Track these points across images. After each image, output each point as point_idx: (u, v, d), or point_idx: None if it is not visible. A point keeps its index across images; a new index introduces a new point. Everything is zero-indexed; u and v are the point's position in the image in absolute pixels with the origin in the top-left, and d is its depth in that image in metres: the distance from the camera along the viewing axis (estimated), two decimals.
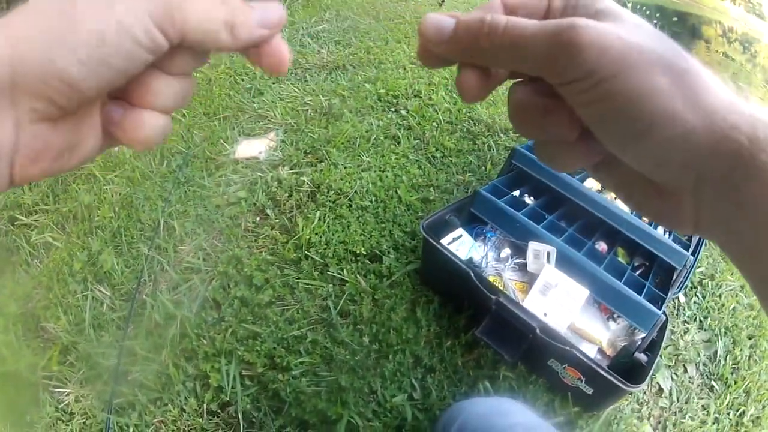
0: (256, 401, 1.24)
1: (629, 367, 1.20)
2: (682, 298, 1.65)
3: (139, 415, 1.19)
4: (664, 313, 1.25)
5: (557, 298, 1.33)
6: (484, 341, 1.26)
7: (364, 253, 1.55)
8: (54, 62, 0.25)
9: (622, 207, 1.46)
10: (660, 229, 1.45)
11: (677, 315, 1.61)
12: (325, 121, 2.17)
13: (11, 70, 0.24)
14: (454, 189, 1.83)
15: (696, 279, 1.71)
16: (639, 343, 1.25)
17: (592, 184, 1.56)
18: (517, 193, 1.57)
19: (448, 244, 1.41)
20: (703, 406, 1.38)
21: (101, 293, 1.48)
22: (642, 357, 1.20)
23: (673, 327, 1.55)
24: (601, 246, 1.51)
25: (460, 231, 1.48)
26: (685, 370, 1.46)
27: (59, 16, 0.25)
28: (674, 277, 1.43)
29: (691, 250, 1.42)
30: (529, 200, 1.58)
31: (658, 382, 1.39)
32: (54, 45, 0.25)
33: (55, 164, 0.29)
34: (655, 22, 4.37)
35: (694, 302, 1.67)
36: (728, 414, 1.37)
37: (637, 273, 1.43)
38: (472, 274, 1.28)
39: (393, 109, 2.24)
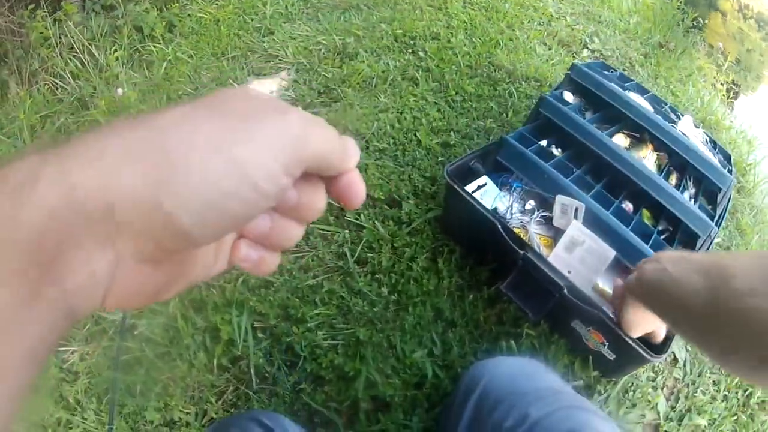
0: (269, 355, 1.09)
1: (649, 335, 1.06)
2: None
3: (146, 371, 1.04)
4: None
5: (582, 257, 1.17)
6: (508, 297, 1.11)
7: (382, 197, 1.37)
8: (161, 207, 0.21)
9: (649, 167, 1.29)
10: (686, 195, 1.29)
11: None
12: (339, 61, 1.95)
13: (105, 204, 0.20)
14: (475, 135, 1.63)
15: (712, 249, 1.54)
16: None
17: (620, 141, 1.38)
18: (544, 143, 1.38)
19: (473, 192, 1.24)
20: (714, 381, 1.24)
21: None
22: None
23: None
24: (627, 206, 1.34)
25: (485, 179, 1.29)
26: None
27: (164, 155, 0.21)
28: (697, 246, 1.27)
29: (715, 220, 1.26)
30: (556, 151, 1.39)
31: (673, 352, 1.26)
32: (161, 188, 0.21)
33: (154, 298, 0.26)
34: None
35: None
36: (737, 393, 1.23)
37: (662, 237, 1.27)
38: (499, 226, 1.11)
39: (410, 51, 2.00)
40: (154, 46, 2.21)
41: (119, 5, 2.37)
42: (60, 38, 2.22)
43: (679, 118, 1.53)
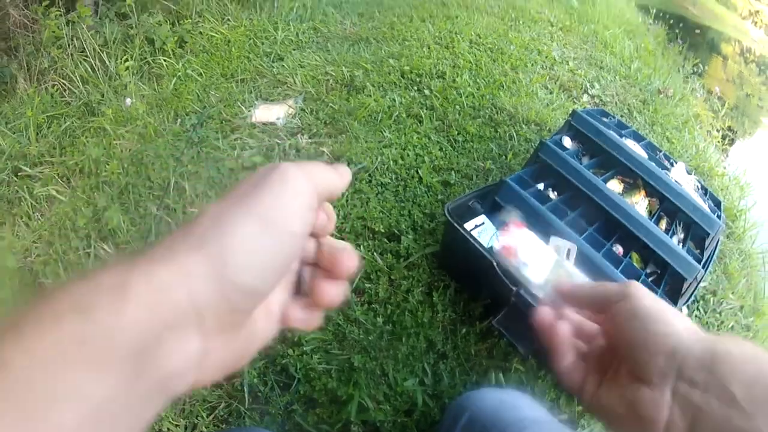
0: (264, 375, 1.14)
1: None
2: (684, 311, 1.56)
3: None
4: None
5: None
6: (500, 332, 1.17)
7: (383, 231, 1.45)
8: (230, 279, 0.27)
9: (641, 212, 1.37)
10: (675, 239, 1.37)
11: None
12: (346, 93, 2.04)
13: (188, 295, 0.25)
14: (474, 175, 1.71)
15: (699, 293, 1.62)
16: None
17: (615, 186, 1.47)
18: (541, 186, 1.46)
19: (471, 230, 1.31)
20: None
21: (104, 251, 1.38)
22: None
23: None
24: (618, 249, 1.42)
25: (482, 218, 1.37)
26: None
27: (220, 244, 0.27)
28: (684, 289, 1.34)
29: (702, 263, 1.34)
30: (552, 195, 1.47)
31: None
32: (226, 268, 0.26)
33: (234, 367, 0.31)
34: (676, 31, 4.23)
35: (696, 316, 1.57)
36: None
37: (650, 280, 1.34)
38: (495, 264, 1.18)
39: (416, 88, 2.10)
40: (165, 60, 2.29)
41: (133, 15, 2.45)
42: (72, 40, 2.29)
43: (673, 165, 1.61)
